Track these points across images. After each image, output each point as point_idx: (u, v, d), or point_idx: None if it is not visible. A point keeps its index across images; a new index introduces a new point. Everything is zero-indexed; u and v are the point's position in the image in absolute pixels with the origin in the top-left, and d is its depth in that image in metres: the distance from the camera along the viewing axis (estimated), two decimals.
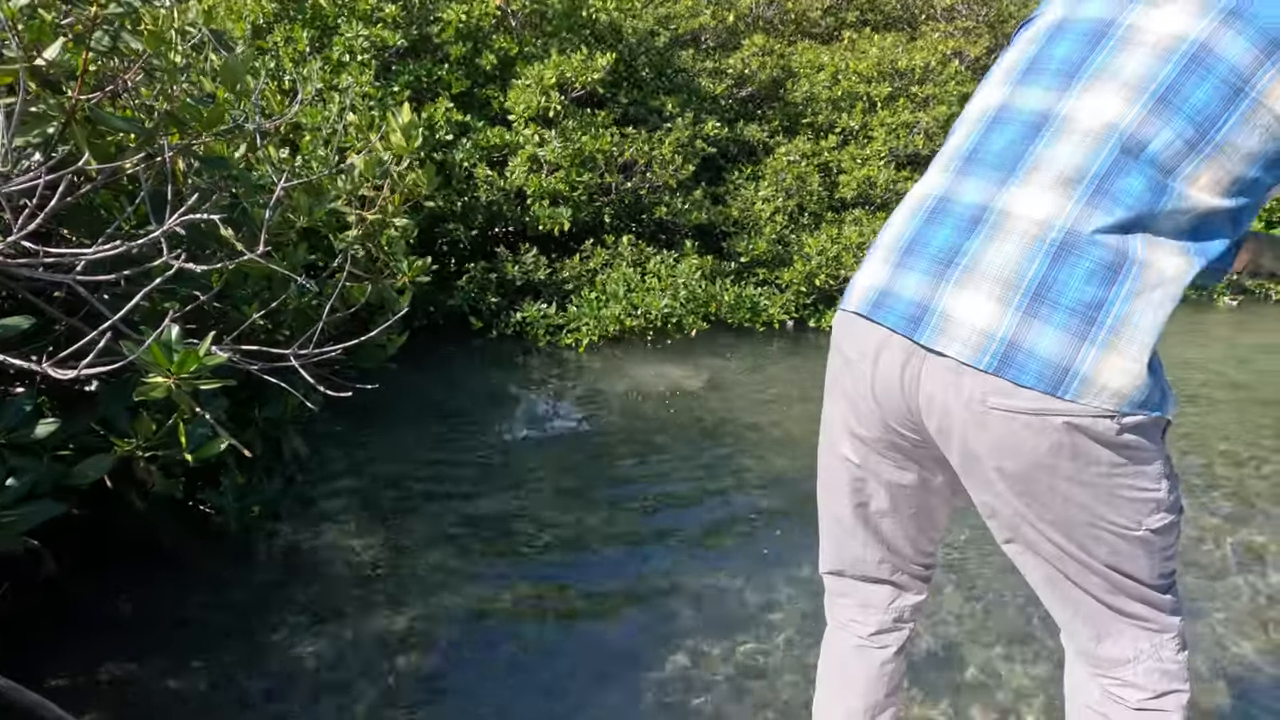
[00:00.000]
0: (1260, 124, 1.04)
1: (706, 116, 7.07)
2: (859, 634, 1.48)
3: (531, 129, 5.79)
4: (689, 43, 7.75)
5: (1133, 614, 1.21)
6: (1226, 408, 4.77)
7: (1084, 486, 1.08)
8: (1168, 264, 1.04)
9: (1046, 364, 1.01)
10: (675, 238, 6.65)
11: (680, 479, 3.49)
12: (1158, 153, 1.04)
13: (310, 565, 2.73)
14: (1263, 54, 1.03)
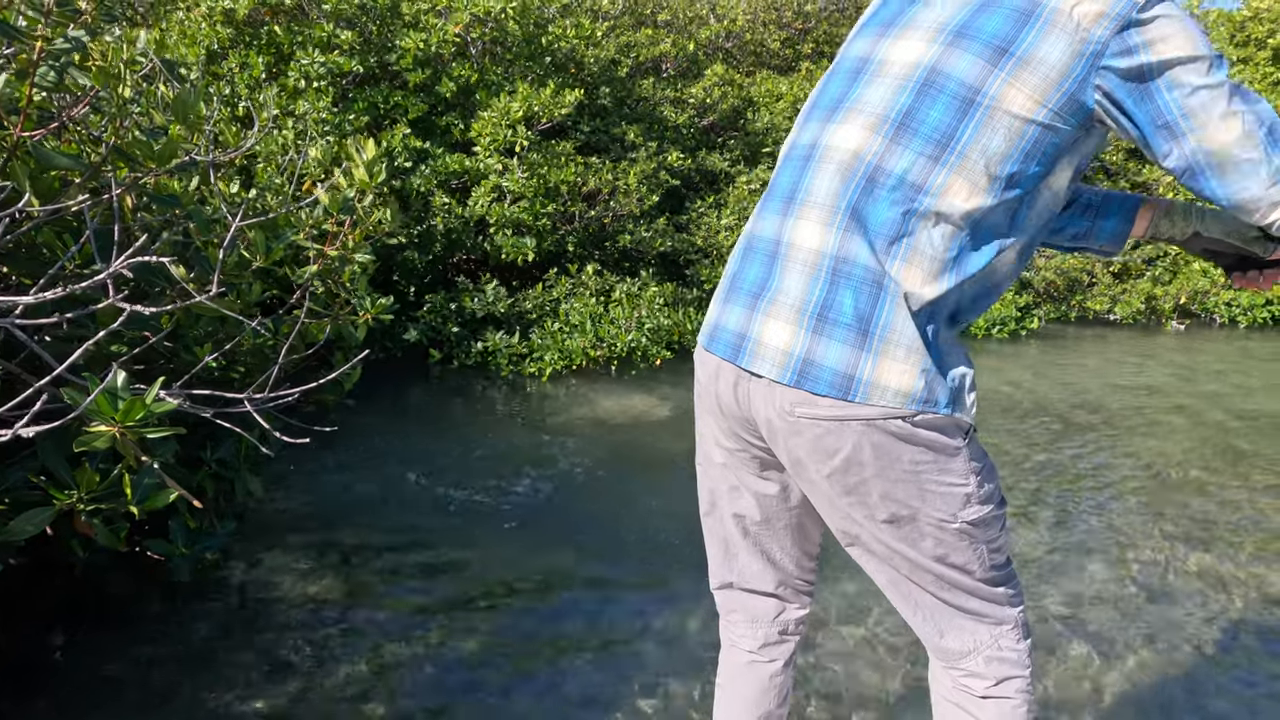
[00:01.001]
0: (1001, 125, 1.12)
1: (669, 146, 7.11)
2: (747, 649, 1.53)
3: (496, 159, 5.76)
4: (650, 71, 7.81)
5: (969, 609, 1.31)
6: (1177, 431, 4.88)
7: (895, 483, 1.19)
8: (920, 277, 1.14)
9: (835, 373, 1.14)
10: (638, 266, 6.65)
11: (646, 514, 3.44)
12: (904, 174, 1.14)
13: (263, 613, 2.63)
14: (990, 64, 1.13)
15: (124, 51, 2.12)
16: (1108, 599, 2.82)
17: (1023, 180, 1.15)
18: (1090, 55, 1.10)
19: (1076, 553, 3.18)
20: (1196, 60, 1.09)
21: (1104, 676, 2.38)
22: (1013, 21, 1.14)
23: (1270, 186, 1.11)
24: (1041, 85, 1.11)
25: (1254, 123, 1.10)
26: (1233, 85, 1.10)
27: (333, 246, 2.48)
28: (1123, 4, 1.11)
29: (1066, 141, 1.16)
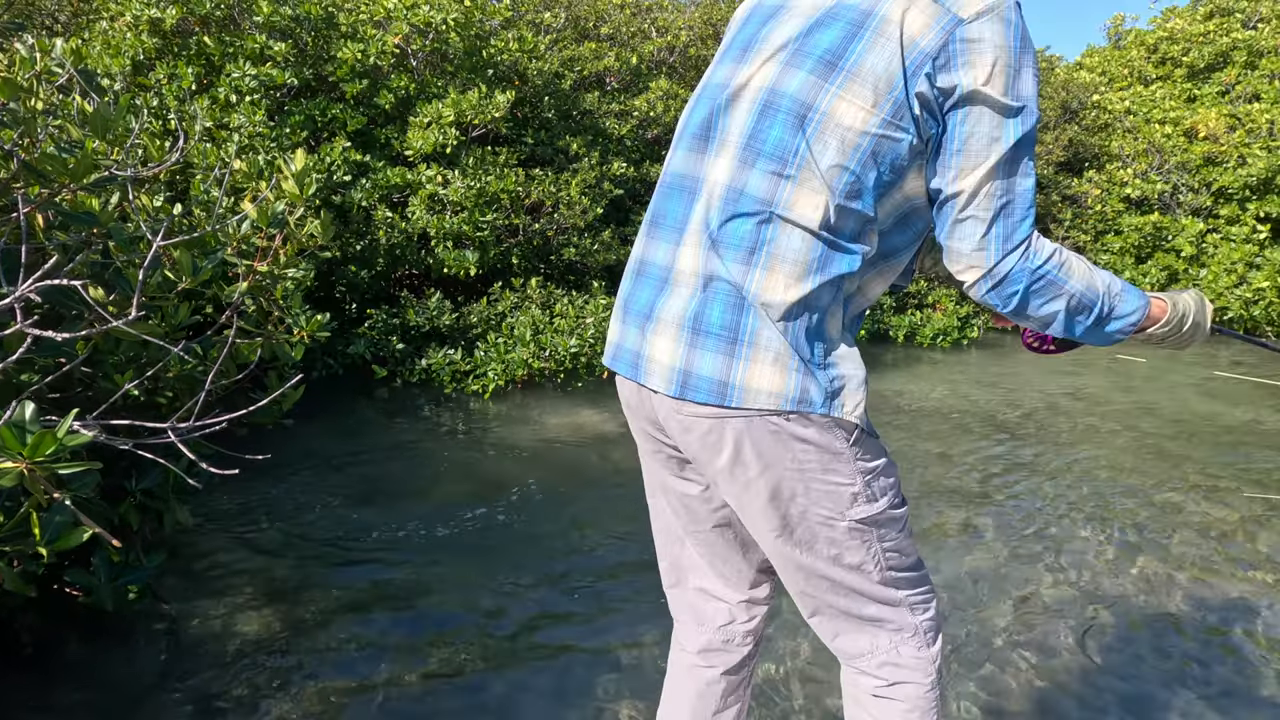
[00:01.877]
0: (834, 138, 1.15)
1: (613, 158, 7.09)
2: (690, 650, 1.54)
3: (434, 169, 5.66)
4: (594, 85, 7.79)
5: (868, 615, 1.35)
6: (1112, 436, 5.02)
7: (780, 480, 1.24)
8: (783, 283, 1.18)
9: (711, 381, 1.20)
10: (584, 279, 6.60)
11: (596, 532, 3.39)
12: (755, 192, 1.19)
13: (197, 648, 2.50)
14: (820, 79, 1.17)
15: (37, 62, 2.01)
16: (1049, 604, 2.86)
17: (867, 189, 1.18)
18: (914, 65, 1.13)
19: (1018, 560, 3.22)
20: (1000, 104, 1.13)
21: (1044, 680, 2.40)
22: (844, 35, 1.18)
23: (976, 251, 1.18)
24: (871, 96, 1.14)
25: (1002, 190, 1.15)
26: (1015, 148, 1.14)
27: (263, 262, 2.38)
28: (948, 18, 1.13)
29: (911, 149, 1.17)
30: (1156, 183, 10.35)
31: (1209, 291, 9.75)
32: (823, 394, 1.21)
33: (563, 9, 8.12)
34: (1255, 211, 9.87)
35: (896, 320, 8.27)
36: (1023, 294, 1.19)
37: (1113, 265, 10.45)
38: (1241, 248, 9.76)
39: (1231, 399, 6.27)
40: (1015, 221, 1.17)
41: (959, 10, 1.13)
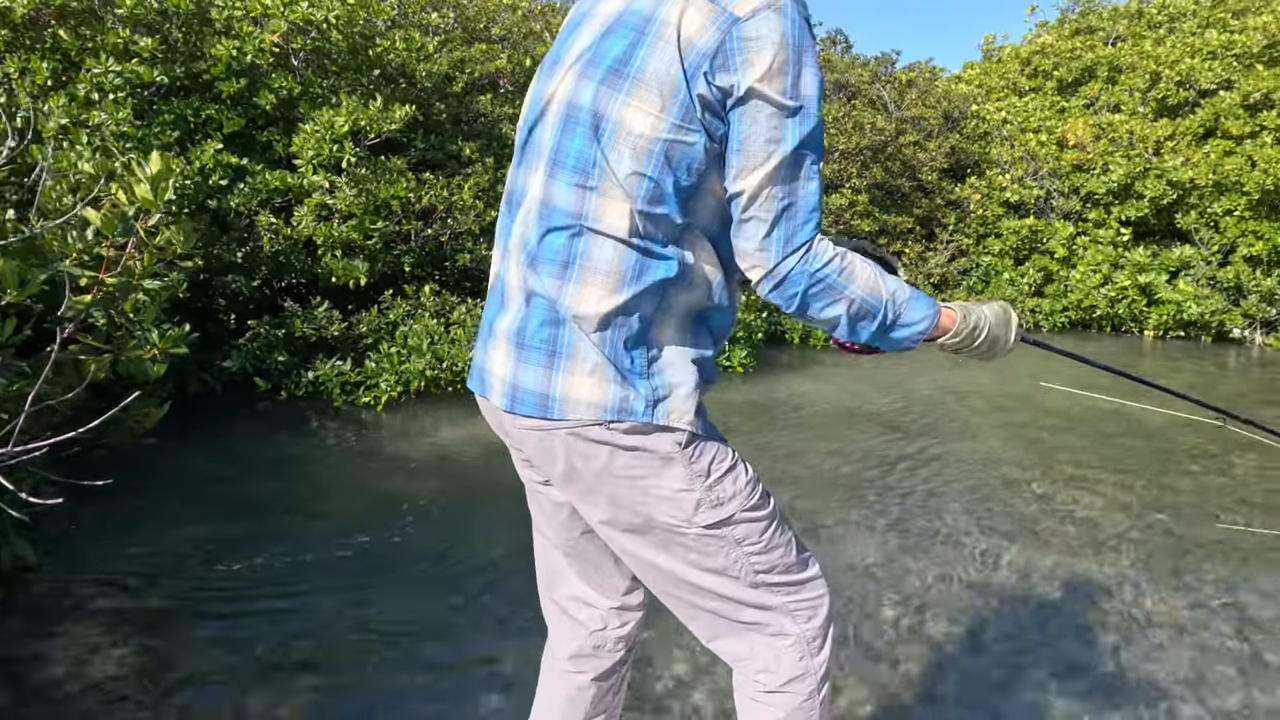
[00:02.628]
0: (626, 145, 1.16)
1: (508, 162, 6.99)
2: (561, 655, 1.54)
3: (321, 175, 5.43)
4: (487, 87, 7.66)
5: (744, 620, 1.34)
6: (993, 430, 5.25)
7: (616, 489, 1.25)
8: (597, 294, 1.19)
9: (533, 394, 1.23)
10: (481, 286, 6.47)
11: (494, 546, 3.29)
12: (564, 205, 1.21)
13: (43, 695, 2.29)
14: (610, 88, 1.18)
15: None
16: (933, 594, 2.94)
17: (669, 195, 1.18)
18: (693, 66, 1.13)
19: (905, 553, 3.31)
20: (779, 103, 1.13)
21: (928, 670, 2.46)
22: (628, 41, 1.19)
23: (758, 251, 1.18)
24: (657, 100, 1.15)
25: (784, 192, 1.16)
26: (796, 150, 1.15)
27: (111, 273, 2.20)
28: (725, 16, 1.12)
29: (706, 151, 1.17)
30: (1032, 188, 10.94)
31: (1078, 290, 10.37)
32: (645, 403, 1.22)
33: (451, 9, 7.97)
34: (1118, 215, 10.55)
35: (791, 322, 8.45)
36: (802, 296, 1.20)
37: (994, 266, 10.99)
38: (1106, 249, 10.43)
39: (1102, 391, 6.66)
40: (797, 224, 1.18)
41: (735, 8, 1.12)
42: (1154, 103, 11.09)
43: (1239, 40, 10.56)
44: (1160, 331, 10.19)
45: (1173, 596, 2.96)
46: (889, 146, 10.42)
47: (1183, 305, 9.84)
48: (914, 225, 10.86)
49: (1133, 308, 10.21)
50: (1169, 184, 10.02)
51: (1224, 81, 10.46)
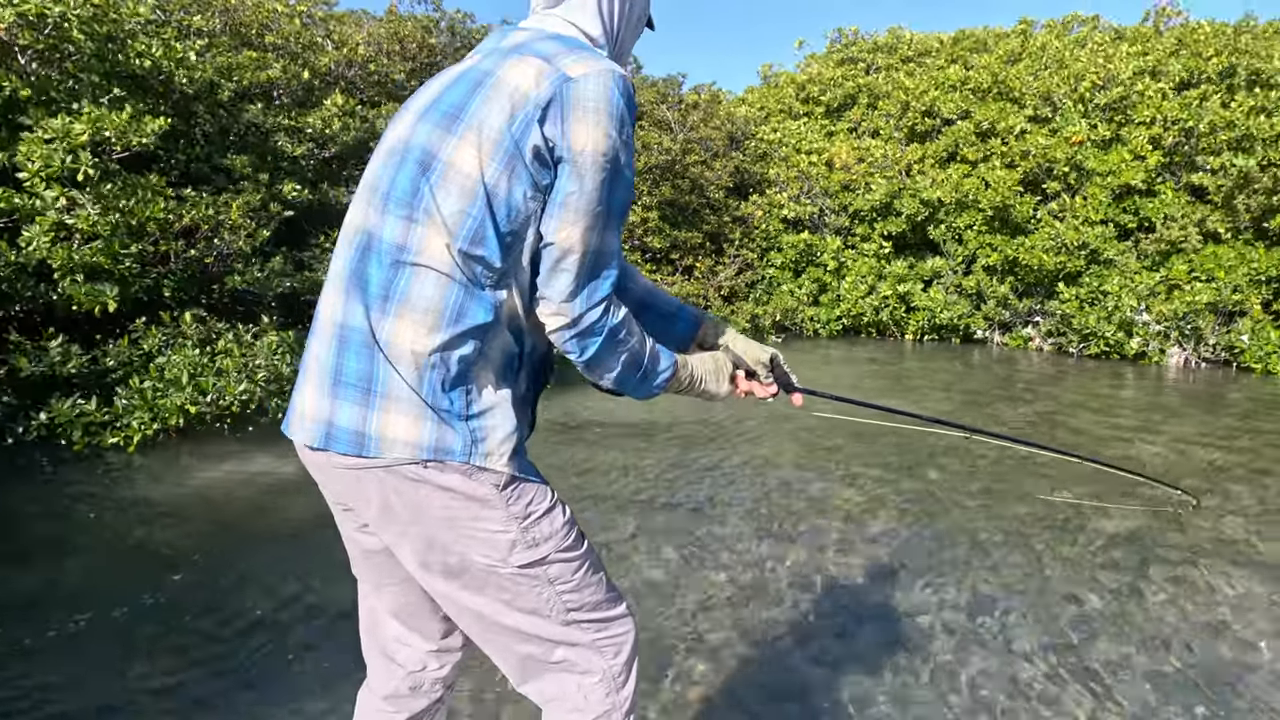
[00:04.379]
0: (455, 183, 1.21)
1: (285, 178, 6.57)
2: (376, 694, 1.52)
3: (56, 190, 4.82)
4: (259, 97, 7.16)
5: (554, 659, 1.36)
6: (776, 436, 5.59)
7: (434, 529, 1.26)
8: (414, 331, 1.21)
9: (348, 432, 1.23)
10: (255, 310, 6.02)
11: (267, 596, 3.05)
12: (389, 238, 1.23)
13: None
14: (445, 130, 1.23)
15: None
16: (715, 604, 3.07)
17: (490, 237, 1.21)
18: (524, 117, 1.19)
19: (688, 565, 3.43)
20: (600, 166, 1.21)
21: (714, 682, 2.56)
22: (466, 91, 1.25)
23: (564, 302, 1.25)
24: (488, 145, 1.20)
25: (594, 248, 1.24)
26: (608, 211, 1.23)
27: None
28: (557, 75, 1.20)
29: (526, 198, 1.22)
30: (807, 205, 11.82)
31: (848, 300, 11.32)
32: (463, 443, 1.23)
33: (218, 13, 7.38)
34: (881, 230, 11.65)
35: None
36: (599, 346, 1.29)
37: (777, 279, 11.75)
38: (870, 261, 11.46)
39: (870, 390, 7.30)
40: (600, 280, 1.26)
41: (568, 69, 1.21)
42: (906, 129, 12.34)
43: (972, 76, 12.01)
44: (918, 335, 11.34)
45: (936, 584, 3.28)
46: (676, 165, 10.85)
47: (936, 311, 11.01)
48: (704, 240, 11.38)
49: (894, 314, 11.29)
50: (921, 202, 11.18)
51: (962, 112, 11.84)
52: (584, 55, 1.24)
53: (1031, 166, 10.76)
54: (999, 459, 5.04)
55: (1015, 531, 3.84)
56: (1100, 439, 5.76)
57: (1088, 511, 4.13)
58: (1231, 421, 6.49)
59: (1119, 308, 9.72)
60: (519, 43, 1.29)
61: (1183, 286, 9.55)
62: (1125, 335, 9.75)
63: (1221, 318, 9.46)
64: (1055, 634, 2.85)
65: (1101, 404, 7.13)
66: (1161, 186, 10.35)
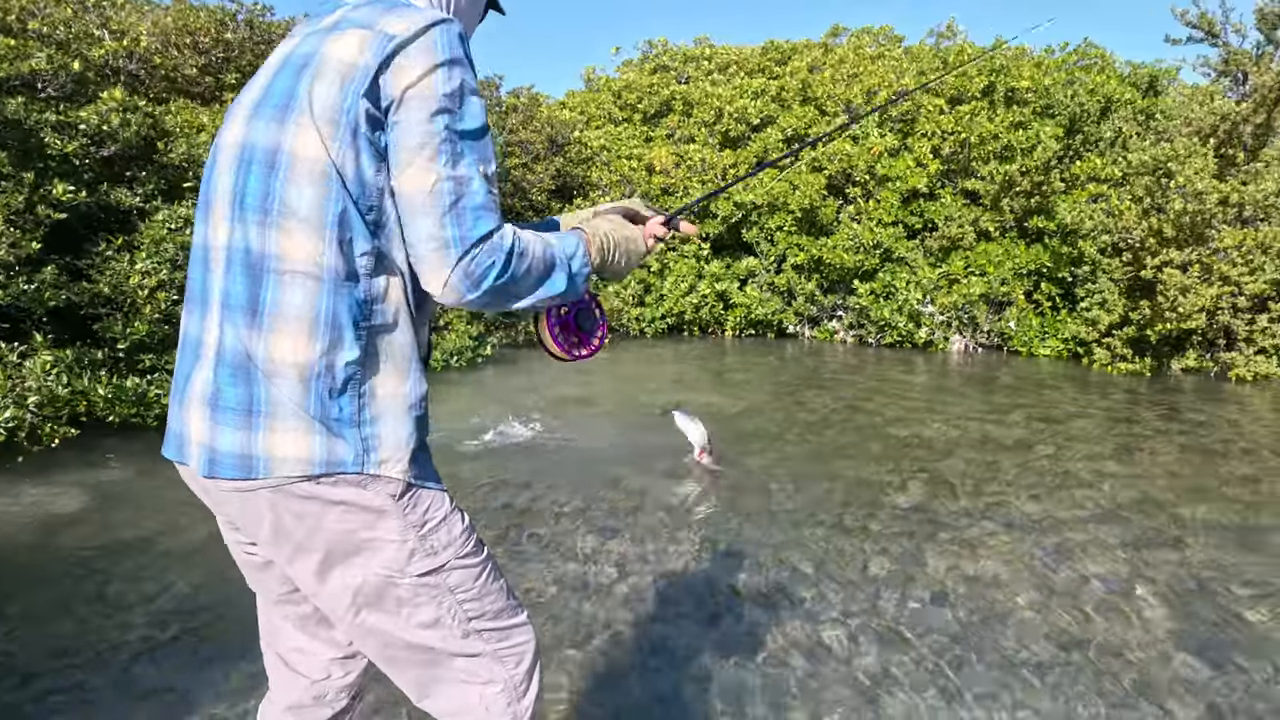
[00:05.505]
0: (303, 173, 1.16)
1: (55, 179, 5.92)
2: (277, 704, 1.48)
3: None
4: (20, 89, 6.41)
5: (454, 672, 1.32)
6: (603, 432, 5.71)
7: (329, 545, 1.22)
8: (290, 343, 1.16)
9: (233, 456, 1.18)
10: (22, 326, 5.39)
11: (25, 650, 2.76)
12: (250, 247, 1.18)
13: None
14: (279, 122, 1.19)
15: None
16: (544, 601, 3.11)
17: (354, 223, 1.16)
18: (354, 87, 1.15)
19: (516, 561, 3.45)
20: (435, 106, 1.15)
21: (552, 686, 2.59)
22: (294, 77, 1.20)
23: (435, 253, 1.15)
24: (327, 126, 1.16)
25: (449, 188, 1.15)
26: (455, 147, 1.16)
27: None
28: (381, 37, 1.17)
29: (378, 171, 1.17)
30: None
31: (670, 299, 11.70)
32: (355, 453, 1.19)
33: None
34: (700, 232, 12.12)
35: None
36: (499, 272, 1.17)
37: None
38: (690, 262, 11.91)
39: (694, 386, 7.60)
40: (471, 220, 1.16)
41: (391, 29, 1.17)
42: (719, 135, 12.92)
43: (778, 85, 12.75)
44: (737, 331, 11.90)
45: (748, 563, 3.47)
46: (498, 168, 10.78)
47: (751, 308, 11.60)
48: None
49: (714, 312, 11.80)
50: (735, 205, 11.75)
51: (769, 118, 12.55)
52: (404, 11, 1.20)
53: (835, 171, 11.59)
54: (812, 446, 5.40)
55: (826, 510, 4.15)
56: (892, 420, 6.31)
57: (887, 488, 4.53)
58: (1001, 399, 7.32)
59: (908, 301, 10.68)
60: (337, 20, 1.24)
61: (960, 280, 10.63)
62: (915, 326, 10.72)
63: (993, 307, 10.62)
64: (856, 598, 3.12)
65: (895, 389, 7.81)
66: (942, 191, 11.47)
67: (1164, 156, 8.99)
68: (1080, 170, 10.66)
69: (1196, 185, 8.45)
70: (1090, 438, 5.79)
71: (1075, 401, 7.22)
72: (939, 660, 2.67)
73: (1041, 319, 10.27)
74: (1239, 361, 8.52)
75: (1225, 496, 4.44)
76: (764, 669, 2.61)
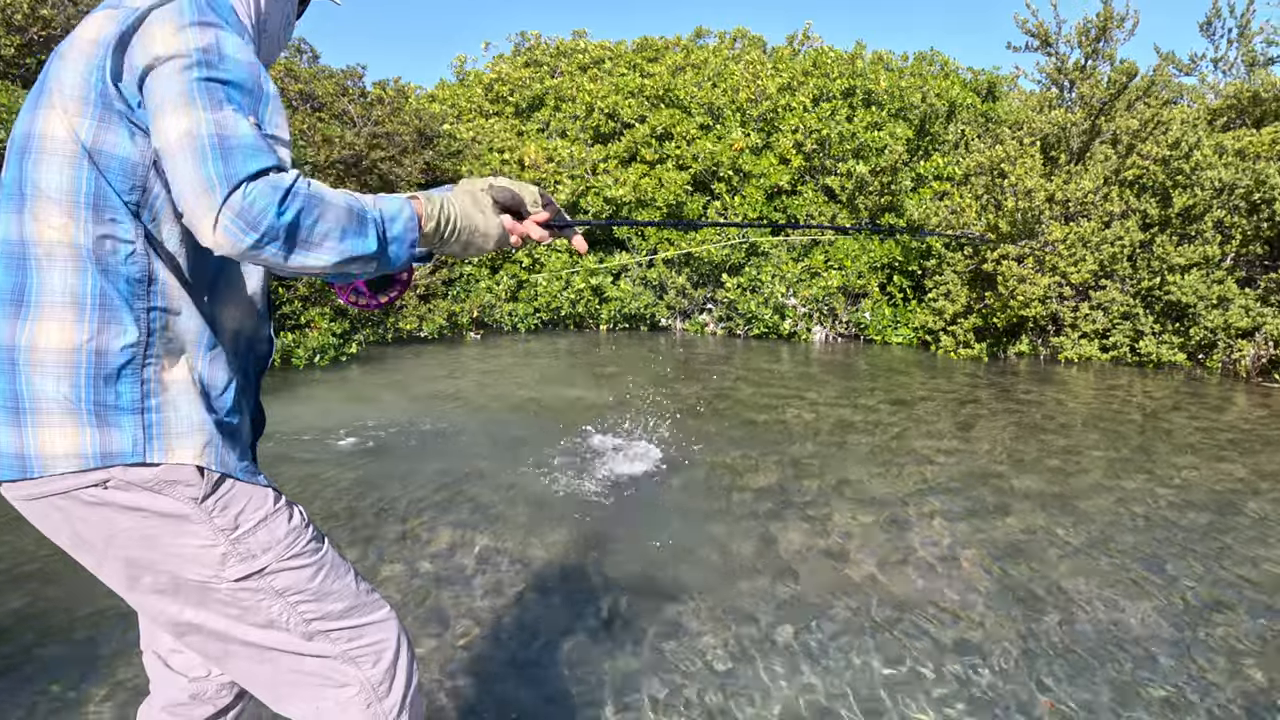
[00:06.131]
0: (51, 154, 1.12)
1: None
2: (154, 705, 1.45)
3: None
4: None
5: (305, 671, 1.26)
6: (472, 430, 5.66)
7: (133, 553, 1.16)
8: (57, 328, 1.12)
9: (8, 456, 1.12)
10: None
11: None
12: (6, 236, 1.14)
13: None
14: (33, 108, 1.17)
15: None
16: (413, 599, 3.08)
17: (112, 202, 1.13)
18: (100, 62, 1.12)
19: (384, 562, 3.40)
20: (178, 59, 1.09)
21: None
22: (50, 64, 1.19)
23: (200, 195, 1.03)
24: (74, 105, 1.13)
25: (209, 129, 1.05)
26: (212, 91, 1.07)
27: None
28: (123, 12, 1.14)
29: (139, 149, 1.13)
30: None
31: (545, 294, 11.69)
32: (132, 440, 1.12)
33: None
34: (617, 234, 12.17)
35: None
36: (279, 216, 1.03)
37: (475, 275, 11.79)
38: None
39: (566, 380, 7.64)
40: (240, 159, 1.04)
41: (135, 2, 1.15)
42: (590, 130, 12.98)
43: (648, 84, 12.93)
44: (611, 325, 12.02)
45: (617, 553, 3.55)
46: (363, 161, 10.45)
47: (625, 302, 11.74)
48: None
49: (589, 306, 11.87)
50: (605, 200, 11.84)
51: (639, 116, 12.71)
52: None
53: (701, 169, 11.87)
54: (679, 435, 5.55)
55: (688, 495, 4.28)
56: (756, 407, 6.57)
57: (747, 472, 4.72)
58: (856, 384, 7.74)
59: (773, 294, 11.10)
60: (100, 6, 1.22)
61: (821, 274, 11.14)
62: (780, 317, 11.15)
63: (850, 299, 11.19)
64: (714, 577, 3.25)
65: (761, 378, 8.11)
66: (804, 187, 11.96)
67: (998, 157, 9.72)
68: (926, 169, 11.38)
69: (1026, 184, 9.20)
70: (933, 418, 6.22)
71: (923, 385, 7.72)
72: (790, 629, 2.83)
73: (894, 309, 10.90)
74: (1066, 345, 9.33)
75: (1046, 467, 4.88)
76: (624, 650, 2.69)
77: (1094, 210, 9.40)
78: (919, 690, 2.47)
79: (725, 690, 2.46)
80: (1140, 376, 8.35)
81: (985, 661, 2.64)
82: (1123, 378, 8.28)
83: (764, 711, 2.37)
